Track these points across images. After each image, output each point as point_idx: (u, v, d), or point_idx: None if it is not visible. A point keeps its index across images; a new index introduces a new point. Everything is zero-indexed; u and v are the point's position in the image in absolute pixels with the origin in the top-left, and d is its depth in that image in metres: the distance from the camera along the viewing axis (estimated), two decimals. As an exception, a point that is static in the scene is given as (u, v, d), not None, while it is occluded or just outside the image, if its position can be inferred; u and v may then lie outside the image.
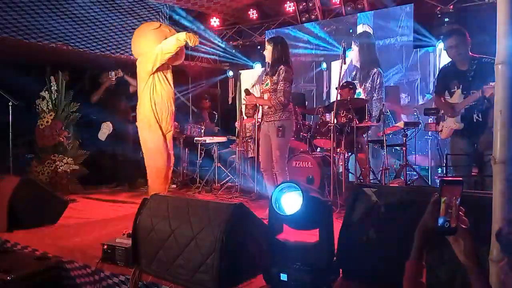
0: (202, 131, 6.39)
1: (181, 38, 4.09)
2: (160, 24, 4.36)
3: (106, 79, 6.14)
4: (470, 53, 3.49)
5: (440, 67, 3.86)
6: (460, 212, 1.22)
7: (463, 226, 1.22)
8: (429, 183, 5.45)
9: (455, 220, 1.20)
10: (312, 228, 2.23)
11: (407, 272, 1.23)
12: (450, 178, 1.25)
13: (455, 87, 3.53)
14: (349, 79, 6.70)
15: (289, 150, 5.85)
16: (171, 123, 4.38)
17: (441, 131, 3.70)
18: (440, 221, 1.20)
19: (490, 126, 1.99)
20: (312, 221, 2.11)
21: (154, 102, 4.18)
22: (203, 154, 6.44)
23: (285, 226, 2.26)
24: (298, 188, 2.01)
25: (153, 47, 4.15)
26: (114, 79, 6.10)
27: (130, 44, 6.39)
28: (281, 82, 3.89)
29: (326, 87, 7.53)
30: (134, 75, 6.44)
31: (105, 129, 6.01)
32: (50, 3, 5.41)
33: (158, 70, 4.19)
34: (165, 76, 4.27)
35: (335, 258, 2.17)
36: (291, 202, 2.05)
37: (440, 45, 6.05)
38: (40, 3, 5.31)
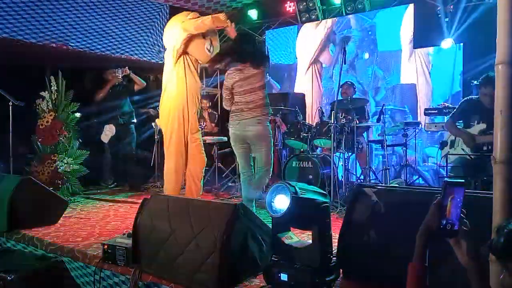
0: (202, 131, 6.38)
1: (206, 20, 3.75)
2: (199, 16, 3.96)
3: (112, 77, 5.92)
4: None
5: (466, 98, 4.09)
6: (462, 214, 1.22)
7: (465, 228, 1.22)
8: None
9: (457, 222, 1.20)
10: (307, 229, 2.23)
11: (409, 274, 1.22)
12: (453, 180, 1.24)
13: (476, 121, 3.80)
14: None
15: (288, 150, 5.91)
16: (197, 122, 4.00)
17: (445, 156, 3.89)
18: (443, 222, 1.20)
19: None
20: (306, 222, 2.11)
21: (185, 97, 3.82)
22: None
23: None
24: (287, 189, 2.02)
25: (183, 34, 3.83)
26: (120, 77, 5.89)
27: (130, 44, 6.45)
28: None
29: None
30: (136, 74, 6.47)
31: (108, 131, 5.83)
32: (50, 3, 5.40)
33: (187, 60, 3.85)
34: (196, 70, 3.93)
35: (335, 258, 2.17)
36: (282, 202, 2.05)
37: (443, 44, 6.02)
38: (40, 3, 5.31)
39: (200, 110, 4.13)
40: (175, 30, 3.85)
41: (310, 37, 7.55)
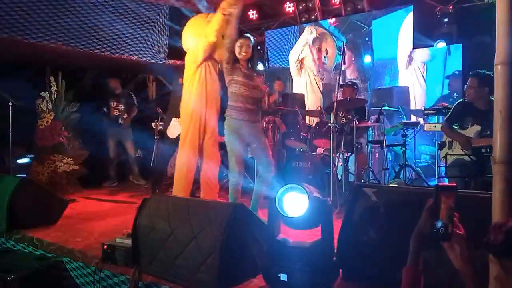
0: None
1: (218, 19, 3.72)
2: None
3: None
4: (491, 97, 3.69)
5: (458, 101, 4.13)
6: (454, 218, 1.22)
7: (458, 232, 1.23)
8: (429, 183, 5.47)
9: (450, 226, 1.21)
10: (312, 227, 2.23)
11: (404, 278, 1.23)
12: (444, 184, 1.26)
13: (469, 123, 3.82)
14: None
15: (288, 150, 5.91)
16: (216, 126, 3.97)
17: (444, 157, 3.90)
18: (435, 227, 1.21)
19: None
20: (313, 221, 2.11)
21: (204, 102, 3.85)
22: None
23: (284, 225, 2.26)
24: (303, 190, 2.01)
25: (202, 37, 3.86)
26: None
27: (130, 45, 6.45)
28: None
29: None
30: (135, 74, 6.45)
31: (178, 126, 5.06)
32: (50, 3, 5.41)
33: (208, 64, 3.88)
34: (217, 73, 3.94)
35: (335, 258, 2.17)
36: (294, 203, 2.04)
37: (439, 45, 6.07)
38: (40, 3, 5.31)
39: None
40: (196, 37, 3.87)
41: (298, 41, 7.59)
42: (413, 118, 6.34)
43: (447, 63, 6.21)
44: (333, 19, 7.26)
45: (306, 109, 7.04)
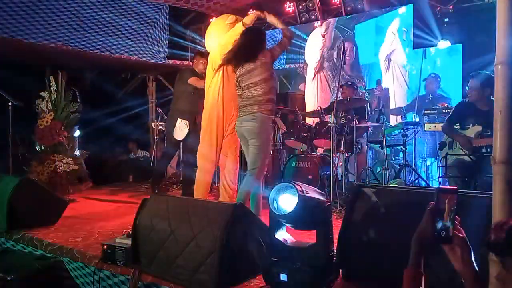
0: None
1: (237, 29, 3.74)
2: (237, 19, 3.97)
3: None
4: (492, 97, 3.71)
5: (460, 101, 4.30)
6: (455, 221, 1.23)
7: (459, 235, 1.23)
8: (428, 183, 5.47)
9: (451, 228, 1.21)
10: (311, 228, 2.23)
11: (405, 280, 1.23)
12: (445, 187, 1.27)
13: (471, 124, 3.85)
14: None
15: (288, 151, 5.92)
16: (233, 126, 3.90)
17: (444, 157, 3.92)
18: (436, 229, 1.21)
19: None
20: (310, 222, 2.11)
21: (221, 105, 3.86)
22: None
23: (287, 227, 2.26)
24: (294, 188, 2.02)
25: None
26: None
27: (129, 45, 6.46)
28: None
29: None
30: (135, 74, 6.44)
31: (184, 127, 5.00)
32: (50, 3, 5.41)
33: (228, 70, 3.84)
34: (234, 73, 3.82)
35: (334, 258, 2.17)
36: (287, 202, 2.05)
37: (440, 45, 6.08)
38: (40, 3, 5.31)
39: None
40: (214, 43, 3.93)
41: (315, 44, 7.58)
42: (393, 118, 6.44)
43: (423, 66, 6.33)
44: (319, 22, 7.31)
45: (307, 108, 7.06)
